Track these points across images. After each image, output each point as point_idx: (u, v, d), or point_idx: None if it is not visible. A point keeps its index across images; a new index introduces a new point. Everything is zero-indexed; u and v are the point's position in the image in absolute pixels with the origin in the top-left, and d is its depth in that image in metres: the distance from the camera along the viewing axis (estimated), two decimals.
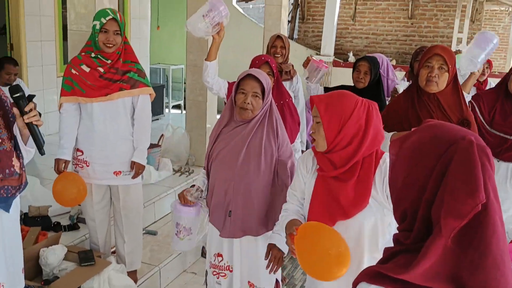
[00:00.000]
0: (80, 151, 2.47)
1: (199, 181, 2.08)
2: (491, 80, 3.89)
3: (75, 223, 2.95)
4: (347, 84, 3.16)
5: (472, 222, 0.75)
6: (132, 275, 2.67)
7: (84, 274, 2.36)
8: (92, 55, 2.38)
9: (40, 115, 1.63)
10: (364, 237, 1.49)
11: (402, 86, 3.29)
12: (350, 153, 1.46)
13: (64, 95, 2.40)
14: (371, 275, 0.83)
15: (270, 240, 1.80)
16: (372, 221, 1.48)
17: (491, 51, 2.59)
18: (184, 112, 6.81)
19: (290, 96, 2.75)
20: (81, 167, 2.48)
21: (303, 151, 3.68)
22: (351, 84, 3.07)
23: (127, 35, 2.48)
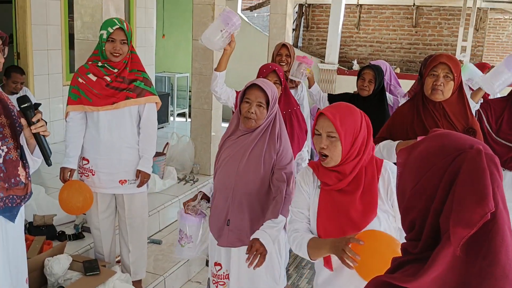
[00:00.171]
0: (85, 159, 2.47)
1: (206, 188, 2.09)
2: None
3: (80, 232, 2.94)
4: (351, 92, 3.16)
5: (481, 231, 0.74)
6: (137, 285, 2.65)
7: (89, 283, 2.35)
8: (99, 64, 2.39)
9: (45, 123, 1.63)
10: None
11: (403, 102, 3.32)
12: (356, 162, 1.49)
13: (70, 103, 2.40)
14: (378, 285, 0.83)
15: (254, 235, 1.78)
16: (381, 230, 1.47)
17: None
18: (189, 120, 6.83)
19: (298, 104, 2.75)
20: (86, 175, 2.47)
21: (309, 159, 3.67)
22: (355, 92, 3.07)
23: (133, 44, 2.48)
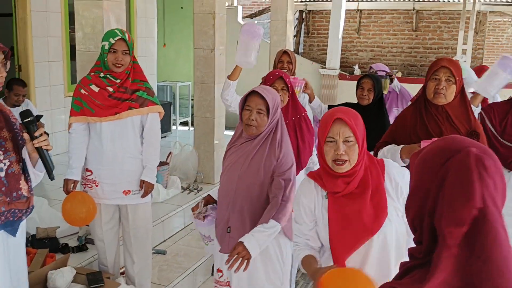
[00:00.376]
0: (89, 171, 2.46)
1: (214, 191, 2.09)
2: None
3: (83, 244, 2.92)
4: (350, 102, 3.17)
5: (472, 230, 0.76)
6: None
7: None
8: (101, 75, 2.39)
9: (47, 135, 1.62)
10: (390, 249, 1.47)
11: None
12: (363, 162, 1.50)
13: (73, 115, 2.40)
14: None
15: (241, 238, 1.78)
16: (393, 230, 1.46)
17: (508, 79, 2.53)
18: (191, 128, 6.82)
19: (305, 110, 2.76)
20: (90, 187, 2.46)
21: None
22: (355, 102, 3.08)
23: (135, 54, 2.49)
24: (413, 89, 3.86)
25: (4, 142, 1.61)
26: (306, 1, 8.50)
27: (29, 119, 1.56)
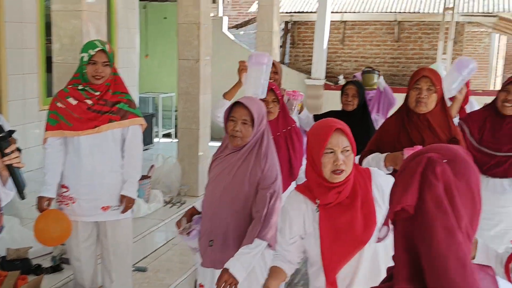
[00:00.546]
0: (65, 187, 2.38)
1: (198, 202, 2.07)
2: (474, 98, 3.92)
3: (58, 264, 2.81)
4: (335, 110, 3.25)
5: (410, 226, 0.82)
6: None
7: None
8: (80, 87, 2.34)
9: (20, 150, 1.56)
10: (380, 258, 1.48)
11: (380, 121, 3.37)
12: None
13: (49, 129, 2.34)
14: None
15: (226, 264, 1.78)
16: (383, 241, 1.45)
17: (468, 76, 2.71)
18: (175, 140, 6.75)
19: (295, 121, 2.79)
20: (66, 204, 2.38)
21: None
22: (339, 109, 3.16)
23: (116, 65, 2.44)
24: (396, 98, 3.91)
25: None
26: (291, 12, 8.63)
27: (0, 135, 1.50)
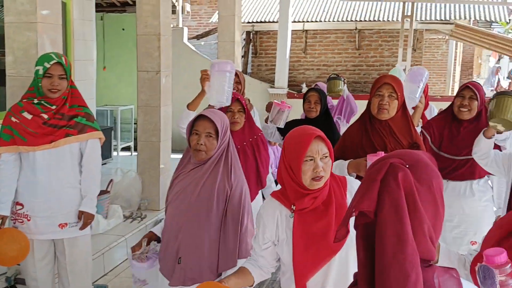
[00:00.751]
0: (20, 204, 2.37)
1: (157, 227, 2.03)
2: (433, 103, 4.15)
3: (13, 285, 2.78)
4: (297, 118, 3.33)
5: (368, 231, 0.86)
6: None
7: None
8: (35, 101, 2.34)
9: None
10: (350, 264, 1.50)
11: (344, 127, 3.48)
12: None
13: (2, 145, 2.33)
14: None
15: None
16: (354, 246, 1.49)
17: (424, 84, 2.84)
18: (134, 153, 6.70)
19: (261, 130, 2.85)
20: (20, 222, 2.37)
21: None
22: (301, 118, 3.26)
23: (72, 77, 2.46)
24: (358, 105, 4.06)
25: None
26: (252, 22, 8.79)
27: None
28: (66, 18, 5.05)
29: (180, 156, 2.04)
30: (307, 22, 8.67)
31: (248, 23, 8.73)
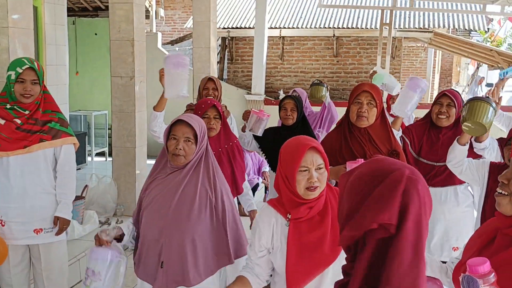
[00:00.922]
0: None
1: (123, 225, 1.99)
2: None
3: None
4: (274, 126, 3.37)
5: (383, 244, 0.85)
6: None
7: None
8: (8, 106, 2.38)
9: None
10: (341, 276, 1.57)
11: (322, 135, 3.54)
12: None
13: None
14: None
15: None
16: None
17: (421, 96, 2.75)
18: (109, 159, 6.71)
19: (236, 137, 2.90)
20: None
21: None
22: (277, 125, 3.29)
23: (45, 82, 2.50)
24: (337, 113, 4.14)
25: None
26: (228, 28, 8.90)
27: None
28: (38, 22, 5.06)
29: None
30: (284, 28, 8.81)
31: (224, 28, 8.81)
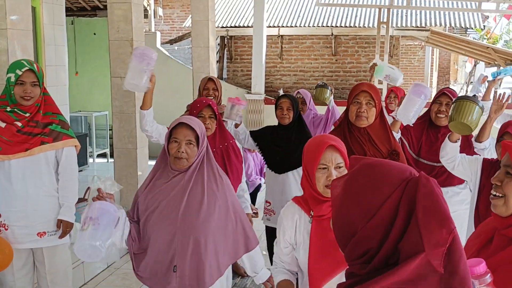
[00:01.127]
0: None
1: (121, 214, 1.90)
2: None
3: None
4: (271, 125, 3.36)
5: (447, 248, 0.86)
6: None
7: None
8: (8, 109, 2.36)
9: None
10: None
11: None
12: None
13: None
14: None
15: (256, 278, 2.02)
16: None
17: (424, 103, 2.69)
18: (111, 160, 6.67)
19: (233, 138, 2.87)
20: None
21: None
22: (275, 124, 3.25)
23: (44, 84, 2.47)
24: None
25: None
26: (227, 27, 8.87)
27: None
28: (36, 23, 5.02)
29: None
30: (282, 27, 8.80)
31: (222, 27, 8.79)
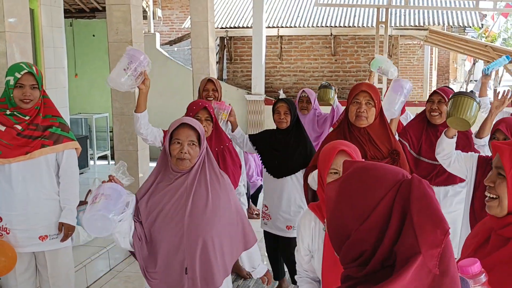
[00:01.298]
0: None
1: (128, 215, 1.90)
2: (411, 109, 4.30)
3: None
4: (270, 129, 3.31)
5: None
6: None
7: None
8: (7, 112, 2.35)
9: None
10: None
11: None
12: None
13: None
14: None
15: (254, 272, 2.04)
16: None
17: (407, 97, 2.82)
18: (111, 162, 6.65)
19: (230, 140, 2.85)
20: (0, 235, 2.35)
21: (247, 193, 3.72)
22: (273, 128, 3.21)
23: (44, 86, 2.45)
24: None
25: None
26: (226, 27, 8.86)
27: None
28: (35, 25, 5.00)
29: None
30: (282, 27, 8.80)
31: (222, 28, 8.78)
